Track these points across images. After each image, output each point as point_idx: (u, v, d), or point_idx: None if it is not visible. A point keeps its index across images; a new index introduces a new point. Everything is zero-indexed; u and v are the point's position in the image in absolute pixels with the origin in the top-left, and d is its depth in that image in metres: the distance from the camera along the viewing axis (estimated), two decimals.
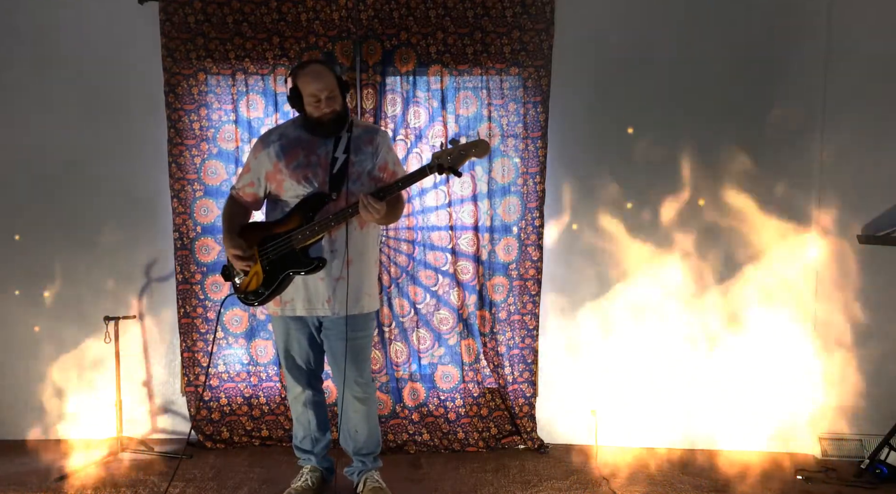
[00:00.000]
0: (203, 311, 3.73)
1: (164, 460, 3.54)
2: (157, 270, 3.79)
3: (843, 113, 3.54)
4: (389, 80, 3.64)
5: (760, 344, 3.66)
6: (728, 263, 3.66)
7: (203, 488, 3.24)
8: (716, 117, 3.62)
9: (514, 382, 3.73)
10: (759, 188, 3.60)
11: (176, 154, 3.67)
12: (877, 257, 3.55)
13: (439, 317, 3.75)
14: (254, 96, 3.66)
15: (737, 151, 3.59)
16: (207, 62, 3.63)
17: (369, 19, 3.59)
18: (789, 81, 3.59)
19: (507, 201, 3.69)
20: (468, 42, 3.60)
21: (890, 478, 3.31)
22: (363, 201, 2.75)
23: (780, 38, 3.58)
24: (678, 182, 3.64)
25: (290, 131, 2.95)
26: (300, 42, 3.61)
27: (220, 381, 3.78)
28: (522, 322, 3.72)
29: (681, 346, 3.70)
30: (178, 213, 3.70)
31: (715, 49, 3.60)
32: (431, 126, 3.66)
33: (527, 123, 3.64)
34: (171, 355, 3.82)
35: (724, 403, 3.70)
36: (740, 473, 3.43)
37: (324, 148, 2.90)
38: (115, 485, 3.26)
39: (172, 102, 3.64)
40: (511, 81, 3.64)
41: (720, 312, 3.68)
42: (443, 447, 3.72)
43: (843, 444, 3.63)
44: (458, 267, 3.70)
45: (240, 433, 3.76)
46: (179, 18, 3.60)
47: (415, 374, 3.76)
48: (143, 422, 3.84)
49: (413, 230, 3.72)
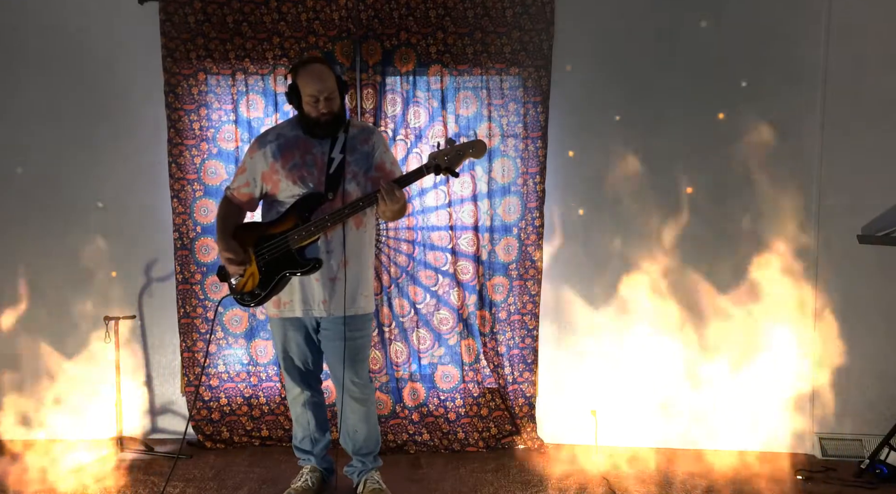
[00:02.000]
0: (203, 311, 3.73)
1: (164, 460, 3.54)
2: (157, 270, 3.79)
3: (844, 113, 3.54)
4: (389, 80, 3.64)
5: (760, 344, 3.66)
6: (728, 262, 3.66)
7: (203, 488, 3.24)
8: (716, 117, 3.62)
9: (514, 382, 3.73)
10: (759, 188, 3.60)
11: (176, 154, 3.67)
12: (877, 257, 3.55)
13: (439, 317, 3.75)
14: (254, 96, 3.66)
15: (737, 150, 3.59)
16: (207, 62, 3.64)
17: (369, 19, 3.59)
18: (790, 80, 3.58)
19: (507, 201, 3.69)
20: (468, 42, 3.60)
21: (890, 478, 3.31)
22: (385, 186, 2.74)
23: (781, 37, 3.58)
24: (678, 181, 3.64)
25: (287, 131, 2.95)
26: (300, 42, 3.61)
27: (220, 381, 3.78)
28: (522, 322, 3.72)
29: (681, 345, 3.70)
30: (178, 213, 3.70)
31: (715, 49, 3.61)
32: (431, 126, 3.66)
33: (527, 123, 3.64)
34: (171, 355, 3.82)
35: (724, 403, 3.70)
36: (740, 473, 3.43)
37: (320, 148, 2.89)
38: (115, 485, 3.26)
39: (172, 102, 3.65)
40: (511, 81, 3.65)
41: (720, 311, 3.67)
42: (443, 447, 3.72)
43: (843, 444, 3.63)
44: (458, 267, 3.70)
45: (240, 433, 3.76)
46: (179, 18, 3.60)
47: (415, 374, 3.76)
48: (143, 422, 3.84)
49: (413, 230, 3.72)
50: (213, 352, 3.76)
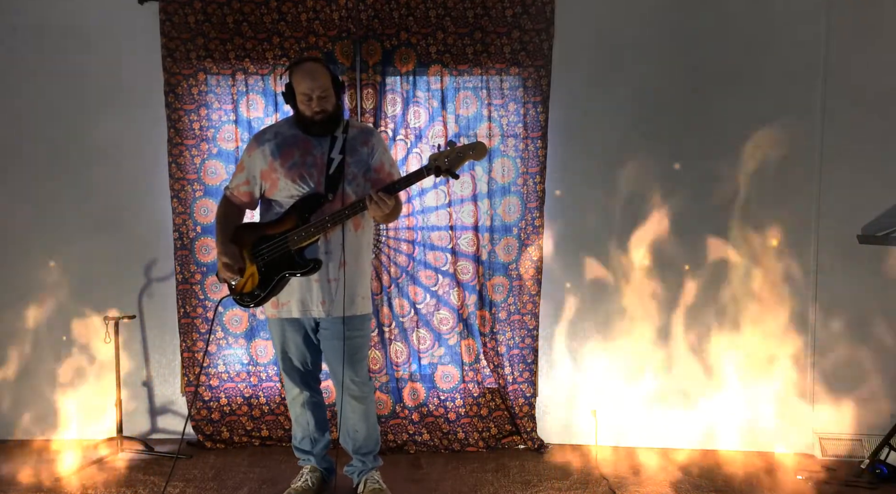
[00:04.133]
0: (203, 311, 3.73)
1: (164, 460, 3.54)
2: (157, 270, 3.79)
3: (844, 113, 3.55)
4: (389, 80, 3.64)
5: (760, 343, 3.66)
6: (728, 261, 3.66)
7: (203, 488, 3.24)
8: (716, 117, 3.62)
9: (514, 382, 3.73)
10: (758, 188, 3.60)
11: (176, 154, 3.67)
12: (877, 257, 3.55)
13: (439, 317, 3.75)
14: (254, 96, 3.66)
15: (737, 150, 3.59)
16: (207, 62, 3.63)
17: (369, 19, 3.59)
18: (790, 81, 3.59)
19: (507, 201, 3.69)
20: (468, 42, 3.60)
21: (890, 478, 3.31)
22: (374, 195, 2.74)
23: (780, 40, 3.58)
24: (678, 180, 3.64)
25: (285, 130, 2.95)
26: (300, 42, 3.61)
27: (220, 381, 3.78)
28: (522, 322, 3.72)
29: (681, 345, 3.70)
30: (178, 213, 3.70)
31: (715, 50, 3.61)
32: (431, 126, 3.66)
33: (527, 123, 3.64)
34: (171, 355, 3.82)
35: (724, 403, 3.70)
36: (740, 473, 3.43)
37: (319, 148, 2.89)
38: (115, 485, 3.26)
39: (172, 102, 3.65)
40: (511, 81, 3.64)
41: (720, 311, 3.67)
42: (443, 447, 3.72)
43: (843, 444, 3.63)
44: (458, 267, 3.70)
45: (240, 433, 3.76)
46: (179, 18, 3.60)
47: (415, 374, 3.76)
48: (142, 422, 3.84)
49: (413, 230, 3.72)
50: (213, 352, 3.76)
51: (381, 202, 2.74)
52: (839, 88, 3.54)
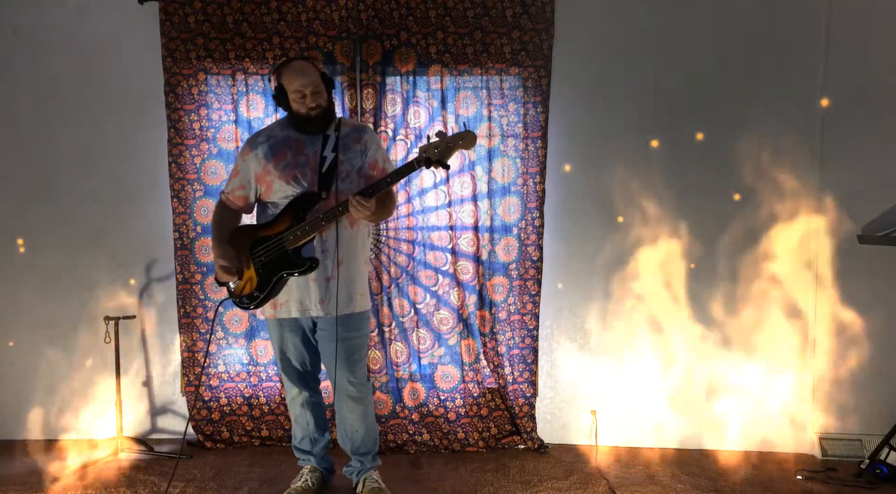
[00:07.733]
0: (203, 311, 3.73)
1: (164, 460, 3.54)
2: (157, 270, 3.79)
3: (844, 113, 3.55)
4: (389, 80, 3.64)
5: (761, 344, 3.66)
6: (728, 261, 3.66)
7: (203, 488, 3.24)
8: (716, 117, 3.62)
9: (514, 382, 3.73)
10: (758, 187, 3.60)
11: (176, 154, 3.67)
12: (877, 257, 3.55)
13: (439, 317, 3.75)
14: (254, 96, 3.66)
15: (737, 150, 3.59)
16: (207, 62, 3.64)
17: (369, 19, 3.59)
18: (790, 80, 3.59)
19: (507, 201, 3.69)
20: (468, 42, 3.60)
21: (890, 478, 3.31)
22: (352, 200, 2.73)
23: (781, 38, 3.58)
24: (678, 180, 3.64)
25: (278, 132, 2.95)
26: (300, 42, 3.61)
27: (220, 381, 3.78)
28: (522, 322, 3.72)
29: (681, 346, 3.70)
30: (178, 213, 3.70)
31: (715, 49, 3.61)
32: (431, 126, 3.66)
33: (527, 123, 3.64)
34: (171, 355, 3.82)
35: (724, 403, 3.70)
36: (740, 473, 3.43)
37: (312, 147, 2.89)
38: (115, 485, 3.26)
39: (172, 102, 3.65)
40: (511, 81, 3.65)
41: (720, 311, 3.68)
42: (443, 447, 3.72)
43: (843, 444, 3.63)
44: (458, 267, 3.70)
45: (240, 433, 3.76)
46: (179, 18, 3.60)
47: (415, 374, 3.76)
48: (142, 422, 3.84)
49: (413, 230, 3.72)
50: (213, 352, 3.76)
51: (359, 206, 2.73)
52: (839, 87, 3.54)
